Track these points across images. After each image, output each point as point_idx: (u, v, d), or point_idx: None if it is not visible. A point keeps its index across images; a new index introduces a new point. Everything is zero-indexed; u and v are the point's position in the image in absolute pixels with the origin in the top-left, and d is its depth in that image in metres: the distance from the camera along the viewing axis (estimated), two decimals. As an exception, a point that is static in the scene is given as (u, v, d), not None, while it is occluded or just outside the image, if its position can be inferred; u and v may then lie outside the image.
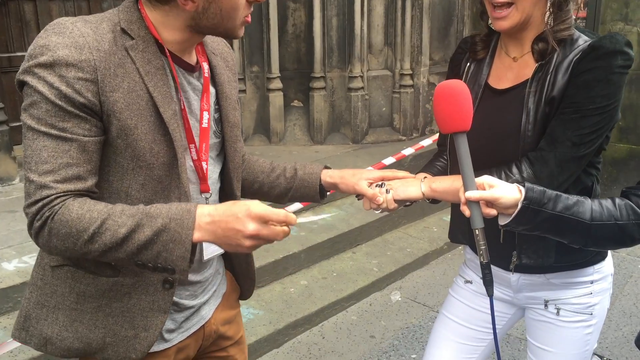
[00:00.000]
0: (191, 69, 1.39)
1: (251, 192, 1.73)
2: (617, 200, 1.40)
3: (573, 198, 1.38)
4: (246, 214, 1.18)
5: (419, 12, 5.68)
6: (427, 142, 4.69)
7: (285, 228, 1.22)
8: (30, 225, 1.22)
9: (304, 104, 5.67)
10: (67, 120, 1.19)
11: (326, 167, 1.73)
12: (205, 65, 1.44)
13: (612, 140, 5.09)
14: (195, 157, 1.39)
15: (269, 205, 1.23)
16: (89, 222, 1.18)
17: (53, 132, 1.19)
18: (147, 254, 1.20)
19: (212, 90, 1.46)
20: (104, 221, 1.18)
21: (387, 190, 1.60)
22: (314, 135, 5.67)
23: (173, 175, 1.32)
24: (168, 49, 1.32)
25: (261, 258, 3.78)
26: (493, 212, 1.38)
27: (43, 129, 1.19)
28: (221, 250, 1.48)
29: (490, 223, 1.41)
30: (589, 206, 1.37)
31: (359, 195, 1.66)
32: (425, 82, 5.94)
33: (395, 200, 1.60)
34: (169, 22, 1.31)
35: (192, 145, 1.38)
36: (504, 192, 1.35)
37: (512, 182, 1.45)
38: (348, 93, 5.63)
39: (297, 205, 3.94)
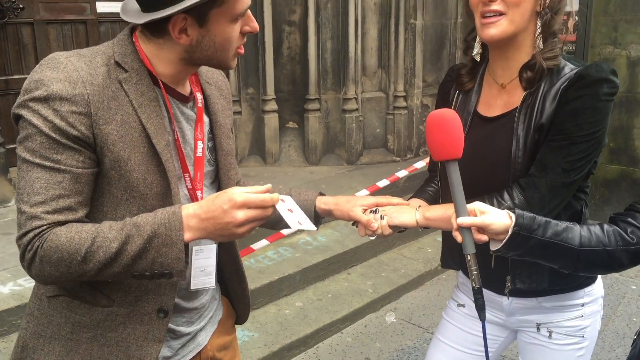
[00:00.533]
0: (185, 99, 1.42)
1: None
2: (605, 227, 1.43)
3: (562, 224, 1.41)
4: (231, 205, 1.21)
5: (412, 35, 5.76)
6: (420, 164, 4.74)
7: (273, 200, 1.26)
8: (22, 257, 1.24)
9: (299, 125, 5.72)
10: (60, 152, 1.22)
11: (320, 194, 1.75)
12: (199, 96, 1.47)
13: (604, 161, 5.15)
14: (189, 186, 1.41)
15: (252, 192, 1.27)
16: (80, 243, 1.20)
17: (47, 163, 1.21)
18: (143, 263, 1.22)
19: (205, 119, 1.49)
20: (94, 239, 1.20)
21: (381, 216, 1.63)
22: (308, 157, 5.71)
23: (166, 204, 1.33)
24: (162, 81, 1.35)
25: (256, 280, 3.80)
26: (484, 238, 1.41)
27: (37, 160, 1.21)
28: (211, 285, 1.50)
29: (482, 248, 1.44)
30: (577, 232, 1.40)
31: (354, 222, 1.69)
32: (419, 104, 6.00)
33: (390, 226, 1.63)
34: (163, 54, 1.34)
35: (186, 175, 1.40)
36: (494, 218, 1.38)
37: (504, 209, 1.49)
38: (342, 115, 5.68)
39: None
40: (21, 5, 4.48)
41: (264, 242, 3.93)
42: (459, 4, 6.06)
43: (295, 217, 1.35)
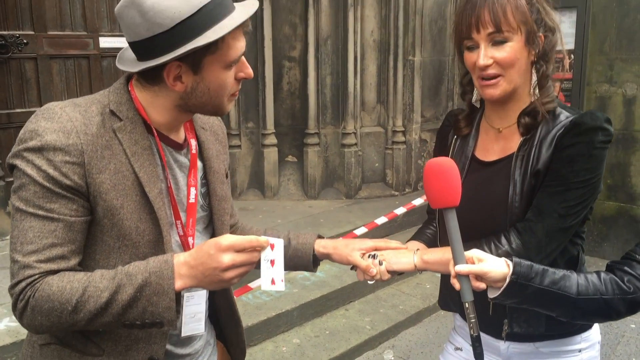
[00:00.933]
0: (179, 146, 1.43)
1: None
2: (603, 275, 1.44)
3: (560, 272, 1.42)
4: (217, 250, 1.22)
5: (411, 71, 5.84)
6: (418, 201, 4.75)
7: (260, 243, 1.27)
8: (14, 307, 1.24)
9: (298, 159, 5.75)
10: (54, 201, 1.23)
11: (319, 237, 1.76)
12: (193, 142, 1.49)
13: (601, 198, 5.17)
14: (181, 233, 1.41)
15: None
16: (71, 293, 1.20)
17: (40, 212, 1.22)
18: (134, 312, 1.22)
19: (199, 165, 1.50)
20: (85, 289, 1.20)
21: (380, 261, 1.64)
22: (307, 190, 5.72)
23: (158, 252, 1.33)
24: (156, 129, 1.36)
25: (253, 316, 3.77)
26: (482, 285, 1.41)
27: (30, 210, 1.22)
28: (200, 331, 1.50)
29: (480, 294, 1.44)
30: (575, 281, 1.41)
31: (353, 266, 1.69)
32: (417, 139, 6.05)
33: (389, 271, 1.64)
34: (158, 102, 1.36)
35: (178, 221, 1.41)
36: (492, 266, 1.39)
37: (502, 253, 1.50)
38: (341, 149, 5.72)
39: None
40: (25, 41, 4.55)
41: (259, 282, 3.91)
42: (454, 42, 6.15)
43: (270, 273, 1.33)
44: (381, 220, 4.42)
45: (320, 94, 5.62)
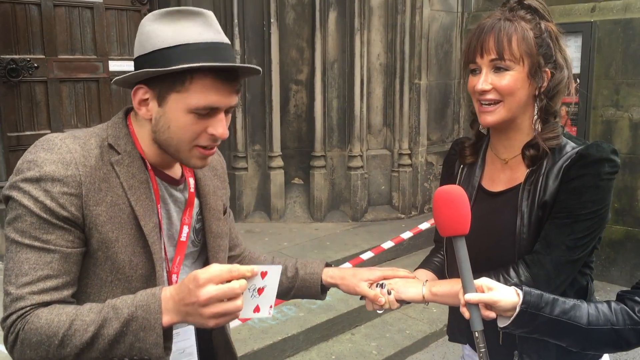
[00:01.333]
0: (175, 182, 1.43)
1: None
2: (613, 305, 1.43)
3: (570, 302, 1.41)
4: (195, 284, 1.14)
5: (417, 94, 5.87)
6: (424, 225, 4.74)
7: (241, 281, 1.16)
8: (5, 340, 1.21)
9: (305, 181, 5.76)
10: (50, 232, 1.22)
11: (327, 265, 1.75)
12: (192, 181, 1.47)
13: (609, 222, 5.13)
14: (168, 269, 1.40)
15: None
16: (57, 326, 1.17)
17: (36, 244, 1.21)
18: (120, 348, 1.18)
19: (196, 202, 1.48)
20: (72, 322, 1.17)
21: (388, 291, 1.64)
22: (313, 213, 5.72)
23: (150, 286, 1.30)
24: (150, 163, 1.37)
25: (259, 340, 3.75)
26: (492, 314, 1.40)
27: (26, 241, 1.21)
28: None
29: (489, 323, 1.43)
30: (585, 310, 1.40)
31: (362, 296, 1.69)
32: (424, 162, 6.06)
33: (397, 300, 1.64)
34: (144, 133, 1.36)
35: (164, 257, 1.39)
36: (502, 295, 1.38)
37: (511, 285, 1.49)
38: (348, 172, 5.73)
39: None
40: (36, 64, 4.61)
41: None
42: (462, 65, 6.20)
43: (255, 301, 1.24)
44: (388, 244, 4.41)
45: (326, 116, 5.65)
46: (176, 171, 1.45)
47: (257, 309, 1.24)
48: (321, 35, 5.51)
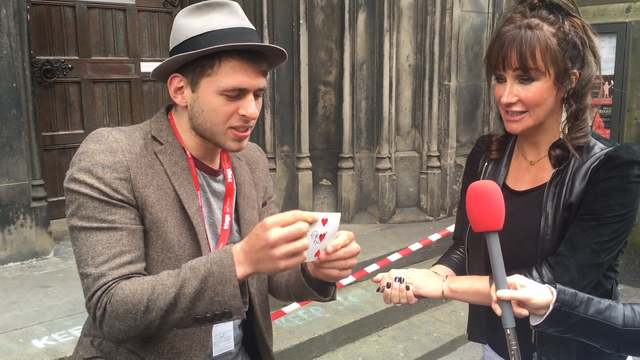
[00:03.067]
0: (214, 172, 1.51)
1: (281, 295, 1.71)
2: (649, 306, 1.40)
3: (605, 302, 1.38)
4: (263, 229, 1.20)
5: (446, 96, 5.82)
6: (453, 227, 4.68)
7: (304, 223, 1.21)
8: (93, 317, 1.29)
9: (332, 183, 5.76)
10: (113, 212, 1.32)
11: None
12: (229, 171, 1.55)
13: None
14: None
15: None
16: (141, 294, 1.25)
17: (104, 225, 1.30)
18: (202, 304, 1.24)
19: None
20: (154, 288, 1.25)
21: (407, 286, 1.63)
22: (341, 214, 5.70)
23: None
24: (191, 154, 1.46)
25: (286, 340, 3.76)
26: (524, 312, 1.38)
27: (94, 225, 1.31)
28: (231, 349, 1.51)
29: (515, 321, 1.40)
30: (621, 311, 1.37)
31: (379, 289, 1.68)
32: (452, 164, 6.00)
33: (415, 295, 1.63)
34: (183, 123, 1.47)
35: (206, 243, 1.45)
36: (535, 292, 1.36)
37: None
38: (376, 173, 5.71)
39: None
40: (70, 65, 4.70)
41: (295, 305, 3.89)
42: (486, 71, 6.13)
43: (316, 248, 1.30)
44: (415, 246, 4.37)
45: (355, 118, 5.64)
46: (215, 162, 1.53)
47: (317, 254, 1.32)
48: (350, 36, 5.50)
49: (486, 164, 1.75)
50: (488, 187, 1.44)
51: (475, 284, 1.57)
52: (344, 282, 4.11)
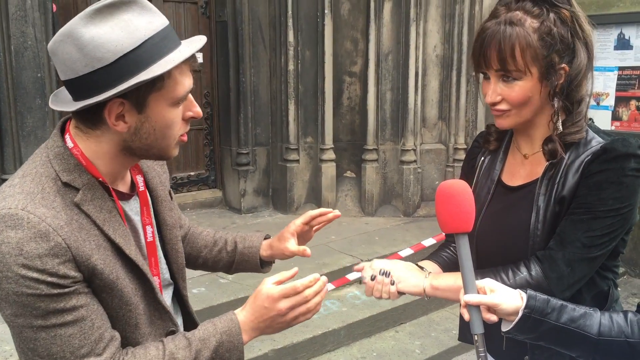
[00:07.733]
0: (128, 196, 1.36)
1: (197, 265, 1.76)
2: (630, 315, 1.31)
3: (580, 309, 1.30)
4: (270, 301, 1.32)
5: (475, 87, 5.67)
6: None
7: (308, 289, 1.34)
8: None
9: (356, 175, 5.70)
10: (70, 298, 1.16)
11: (266, 237, 1.75)
12: (140, 179, 1.41)
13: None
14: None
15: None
16: None
17: (69, 318, 1.16)
18: None
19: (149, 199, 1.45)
20: None
21: (392, 281, 1.59)
22: (364, 207, 5.65)
23: (154, 302, 1.35)
24: (105, 181, 1.27)
25: (299, 334, 3.73)
26: (493, 318, 1.32)
27: (57, 320, 1.15)
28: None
29: (498, 326, 1.34)
30: (597, 320, 1.28)
31: (361, 282, 1.67)
32: (481, 157, 5.86)
33: (399, 292, 1.60)
34: (103, 150, 1.25)
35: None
36: (504, 298, 1.29)
37: (519, 280, 1.42)
38: (400, 166, 5.62)
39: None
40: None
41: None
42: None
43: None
44: (429, 242, 4.27)
45: (380, 109, 5.56)
46: (127, 178, 1.38)
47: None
48: (376, 26, 5.41)
49: (482, 158, 1.70)
50: (456, 187, 1.38)
51: (458, 281, 1.51)
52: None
